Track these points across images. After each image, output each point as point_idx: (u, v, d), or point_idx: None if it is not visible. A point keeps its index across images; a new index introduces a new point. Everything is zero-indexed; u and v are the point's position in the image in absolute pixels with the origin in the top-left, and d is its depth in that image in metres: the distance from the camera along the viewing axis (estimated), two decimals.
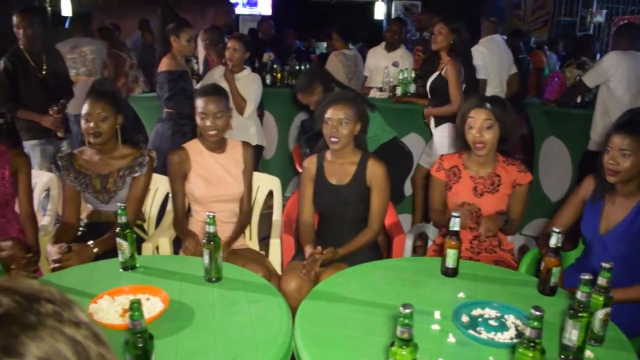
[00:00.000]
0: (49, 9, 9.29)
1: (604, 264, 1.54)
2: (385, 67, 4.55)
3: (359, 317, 1.69)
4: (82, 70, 4.75)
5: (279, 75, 5.26)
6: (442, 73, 3.56)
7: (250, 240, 2.85)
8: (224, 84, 3.73)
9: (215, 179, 2.54)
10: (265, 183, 2.91)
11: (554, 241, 1.83)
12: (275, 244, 2.63)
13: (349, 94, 2.62)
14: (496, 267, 2.23)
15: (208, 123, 2.45)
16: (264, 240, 2.84)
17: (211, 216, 1.83)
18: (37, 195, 2.85)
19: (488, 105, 2.36)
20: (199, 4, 8.98)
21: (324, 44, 10.05)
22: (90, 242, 2.24)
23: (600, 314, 1.54)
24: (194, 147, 2.56)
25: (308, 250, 2.39)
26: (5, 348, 0.50)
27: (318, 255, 2.27)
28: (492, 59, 4.00)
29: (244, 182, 2.61)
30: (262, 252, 2.73)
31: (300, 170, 2.92)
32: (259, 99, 3.93)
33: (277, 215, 2.87)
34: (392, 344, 1.26)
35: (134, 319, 1.21)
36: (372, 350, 1.49)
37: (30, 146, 3.77)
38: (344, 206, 2.51)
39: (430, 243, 2.85)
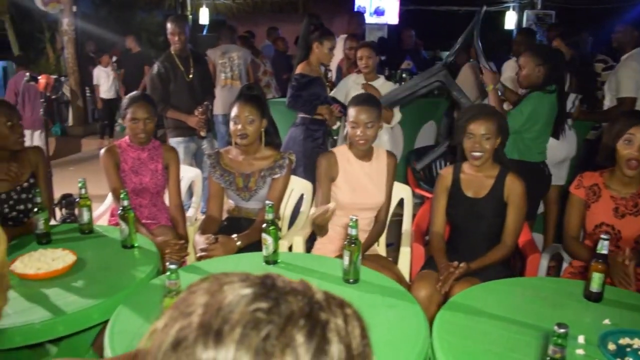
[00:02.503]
0: (190, 17, 10.02)
1: None
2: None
3: (498, 332, 1.67)
4: (229, 75, 5.13)
5: None
6: None
7: (378, 247, 2.89)
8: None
9: (360, 187, 2.60)
10: (396, 192, 2.94)
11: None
12: (405, 252, 2.65)
13: (490, 108, 2.58)
14: (635, 294, 2.09)
15: (359, 132, 2.50)
16: (389, 246, 2.87)
17: (354, 219, 1.89)
18: (183, 188, 3.10)
19: None
20: (329, 13, 9.24)
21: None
22: (234, 236, 2.40)
23: None
24: (343, 153, 2.64)
25: (441, 262, 2.39)
26: (318, 349, 0.55)
27: (453, 268, 2.27)
28: None
29: (386, 191, 2.66)
30: (390, 259, 2.77)
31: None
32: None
33: (407, 224, 2.90)
34: None
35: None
36: None
37: (175, 143, 4.10)
38: (479, 220, 2.48)
39: (565, 265, 2.72)
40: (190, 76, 4.09)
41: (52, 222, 2.47)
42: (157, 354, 0.56)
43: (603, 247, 1.87)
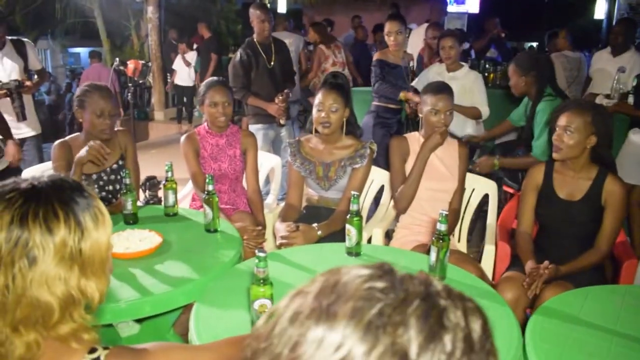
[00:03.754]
0: (268, 6, 10.11)
1: None
2: (617, 72, 4.12)
3: (597, 342, 1.55)
4: None
5: (491, 76, 5.07)
6: None
7: (459, 243, 2.80)
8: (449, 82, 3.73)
9: (432, 170, 2.54)
10: (481, 186, 2.83)
11: None
12: (489, 250, 2.54)
13: (585, 102, 2.41)
14: None
15: (442, 119, 2.47)
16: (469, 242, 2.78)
17: (444, 214, 1.82)
18: (262, 176, 3.11)
19: None
20: (408, 0, 9.06)
21: (534, 44, 9.50)
22: (315, 225, 2.38)
23: None
24: (415, 138, 2.61)
25: (530, 264, 2.28)
26: (432, 333, 0.52)
27: (543, 270, 2.15)
28: None
29: (458, 178, 2.57)
30: (471, 256, 2.66)
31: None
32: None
33: (491, 220, 2.78)
34: None
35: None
36: None
37: (255, 129, 4.13)
38: (572, 223, 2.34)
39: None
40: (272, 64, 4.10)
41: (138, 204, 2.53)
42: (274, 329, 0.56)
43: None
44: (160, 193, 3.51)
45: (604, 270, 2.46)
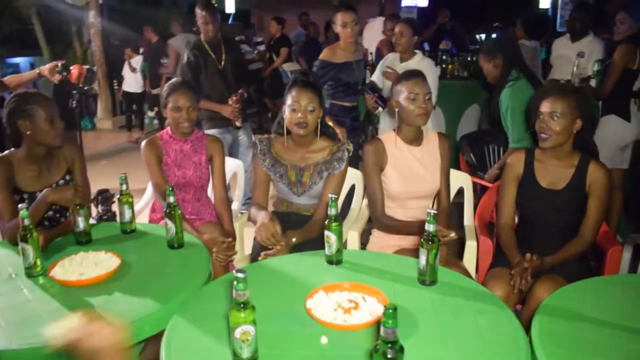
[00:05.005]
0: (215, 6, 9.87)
1: None
2: (577, 57, 4.11)
3: (609, 342, 1.44)
4: None
5: (449, 67, 5.01)
6: None
7: None
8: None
9: (411, 173, 2.39)
10: (455, 179, 2.71)
11: None
12: (471, 246, 2.42)
13: (568, 86, 2.32)
14: None
15: (420, 105, 2.30)
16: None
17: (432, 214, 1.67)
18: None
19: None
20: None
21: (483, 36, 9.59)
22: (289, 232, 2.20)
23: None
24: (390, 139, 2.43)
25: (515, 257, 2.17)
26: None
27: (527, 263, 2.04)
28: None
29: (442, 177, 2.43)
30: (450, 253, 2.54)
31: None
32: (437, 86, 3.72)
33: (469, 215, 2.67)
34: None
35: (388, 326, 1.09)
36: None
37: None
38: (556, 213, 2.24)
39: None
40: (222, 64, 3.89)
41: (90, 221, 2.30)
42: None
43: None
44: (115, 207, 3.26)
45: (588, 260, 2.38)
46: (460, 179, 2.73)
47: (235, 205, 2.94)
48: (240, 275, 1.22)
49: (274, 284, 1.75)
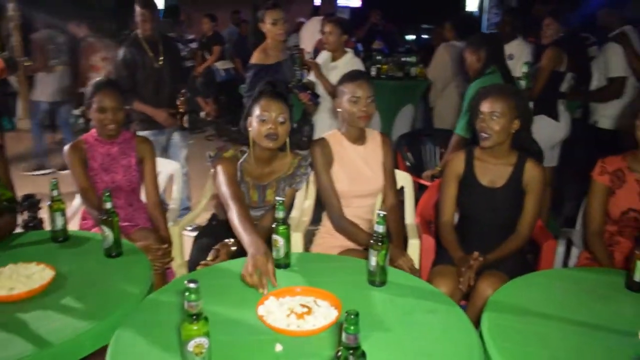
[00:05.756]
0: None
1: None
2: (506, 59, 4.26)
3: (557, 335, 1.49)
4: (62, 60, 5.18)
5: (384, 67, 5.08)
6: None
7: None
8: (329, 72, 3.62)
9: (357, 172, 2.39)
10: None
11: None
12: (414, 244, 2.45)
13: (508, 87, 2.39)
14: None
15: (362, 107, 2.29)
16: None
17: (382, 215, 1.67)
18: (161, 185, 2.79)
19: None
20: None
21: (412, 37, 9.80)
22: (230, 240, 2.13)
23: None
24: (335, 138, 2.42)
25: (457, 255, 2.22)
26: None
27: (473, 261, 2.09)
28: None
29: (386, 176, 2.44)
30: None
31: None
32: None
33: (410, 214, 2.70)
34: None
35: (349, 332, 1.06)
36: None
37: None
38: (495, 210, 2.31)
39: (575, 250, 2.57)
40: (160, 62, 3.74)
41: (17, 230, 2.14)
42: None
43: None
44: (42, 214, 3.07)
45: (525, 255, 2.47)
46: (400, 179, 2.75)
47: (172, 210, 2.83)
48: (192, 285, 1.16)
49: (221, 291, 1.68)
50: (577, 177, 2.31)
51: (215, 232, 2.39)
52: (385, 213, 1.67)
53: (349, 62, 3.75)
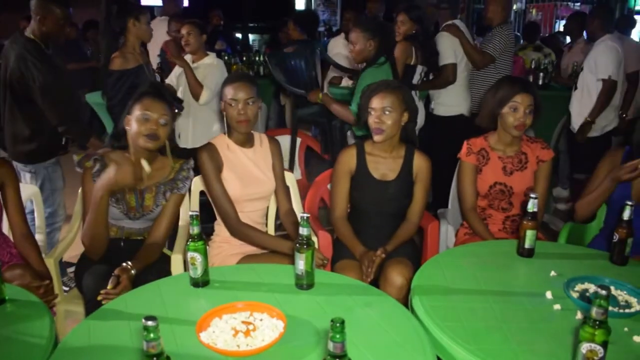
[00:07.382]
0: None
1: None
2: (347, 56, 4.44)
3: (482, 306, 1.61)
4: None
5: (234, 67, 5.02)
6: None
7: None
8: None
9: (248, 175, 2.34)
10: None
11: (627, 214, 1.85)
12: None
13: (393, 82, 2.49)
14: (551, 243, 2.27)
15: (240, 110, 2.23)
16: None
17: (305, 217, 1.64)
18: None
19: (532, 90, 2.38)
20: None
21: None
22: (129, 263, 1.95)
23: None
24: (222, 142, 2.34)
25: (358, 249, 2.29)
26: None
27: (376, 258, 2.20)
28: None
29: (277, 179, 2.42)
30: None
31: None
32: (219, 88, 3.69)
33: (299, 212, 2.70)
34: (583, 326, 1.22)
35: (336, 341, 1.03)
36: (532, 337, 1.45)
37: None
38: (388, 202, 2.41)
39: (450, 228, 2.78)
40: None
41: None
42: None
43: (534, 206, 1.92)
44: None
45: (412, 238, 2.61)
46: (287, 179, 2.73)
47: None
48: (150, 323, 1.03)
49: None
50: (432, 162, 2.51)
51: (106, 255, 2.15)
52: (308, 215, 1.65)
53: (212, 63, 3.68)
